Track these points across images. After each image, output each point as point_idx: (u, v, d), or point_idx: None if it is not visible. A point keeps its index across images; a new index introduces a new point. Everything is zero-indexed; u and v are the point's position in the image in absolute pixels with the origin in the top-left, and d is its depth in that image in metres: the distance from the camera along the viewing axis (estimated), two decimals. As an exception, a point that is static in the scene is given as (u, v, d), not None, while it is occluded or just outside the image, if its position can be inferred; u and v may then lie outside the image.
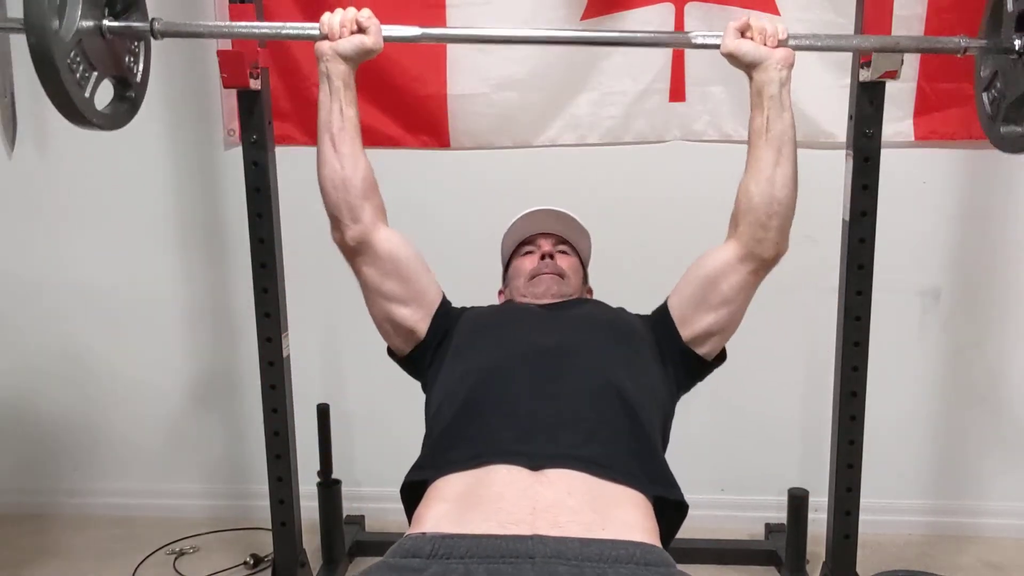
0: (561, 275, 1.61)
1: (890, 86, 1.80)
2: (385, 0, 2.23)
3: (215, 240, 2.46)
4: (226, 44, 1.87)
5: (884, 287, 1.96)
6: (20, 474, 2.64)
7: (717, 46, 1.43)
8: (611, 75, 2.28)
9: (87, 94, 1.31)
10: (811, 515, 2.20)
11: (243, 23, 1.70)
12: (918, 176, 2.30)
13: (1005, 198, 2.29)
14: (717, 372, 1.51)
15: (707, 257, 1.44)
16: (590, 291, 1.72)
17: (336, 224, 1.43)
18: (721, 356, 1.48)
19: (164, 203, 2.46)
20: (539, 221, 1.70)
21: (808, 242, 2.28)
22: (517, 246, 1.70)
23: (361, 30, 1.41)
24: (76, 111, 1.28)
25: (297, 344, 2.06)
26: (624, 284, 2.04)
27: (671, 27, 2.22)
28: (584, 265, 1.71)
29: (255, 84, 1.83)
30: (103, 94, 1.41)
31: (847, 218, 1.87)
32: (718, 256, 1.42)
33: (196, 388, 2.58)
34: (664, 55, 2.25)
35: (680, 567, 1.09)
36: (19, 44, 2.34)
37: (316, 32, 1.42)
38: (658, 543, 1.13)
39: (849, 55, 1.87)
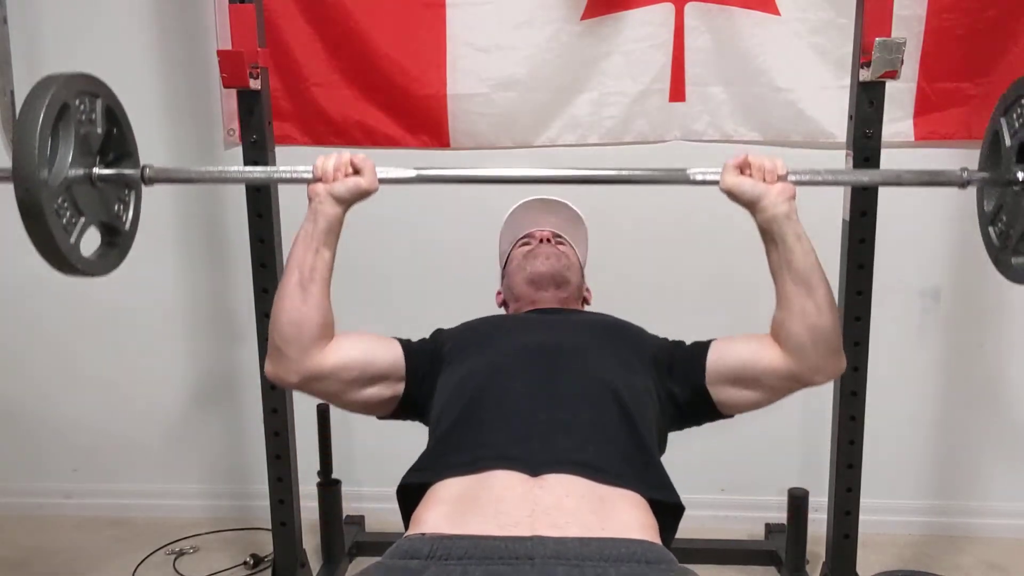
0: (560, 254, 1.61)
1: (890, 86, 1.80)
2: (385, 0, 2.26)
3: (215, 240, 2.46)
4: (226, 43, 1.87)
5: (884, 287, 1.96)
6: (20, 474, 2.64)
7: (716, 182, 1.38)
8: (611, 75, 2.28)
9: (72, 240, 1.28)
10: (811, 515, 2.20)
11: (235, 168, 1.65)
12: (918, 176, 2.30)
13: (1005, 198, 2.29)
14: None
15: (759, 349, 1.36)
16: (588, 291, 1.72)
17: (277, 357, 1.34)
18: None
19: (164, 203, 2.45)
20: (535, 217, 1.70)
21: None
22: (514, 243, 1.70)
23: (356, 171, 1.36)
24: (63, 258, 1.25)
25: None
26: (623, 284, 2.05)
27: (671, 27, 2.23)
28: (581, 263, 1.71)
29: (255, 84, 1.83)
30: (91, 241, 1.36)
31: (847, 218, 1.87)
32: (769, 358, 1.35)
33: (196, 388, 2.58)
34: (664, 55, 2.25)
35: (681, 564, 1.08)
36: (19, 42, 2.35)
37: (310, 175, 1.37)
38: (658, 540, 1.13)
39: (849, 53, 1.87)
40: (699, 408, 1.42)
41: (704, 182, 1.40)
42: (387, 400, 1.43)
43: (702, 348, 1.41)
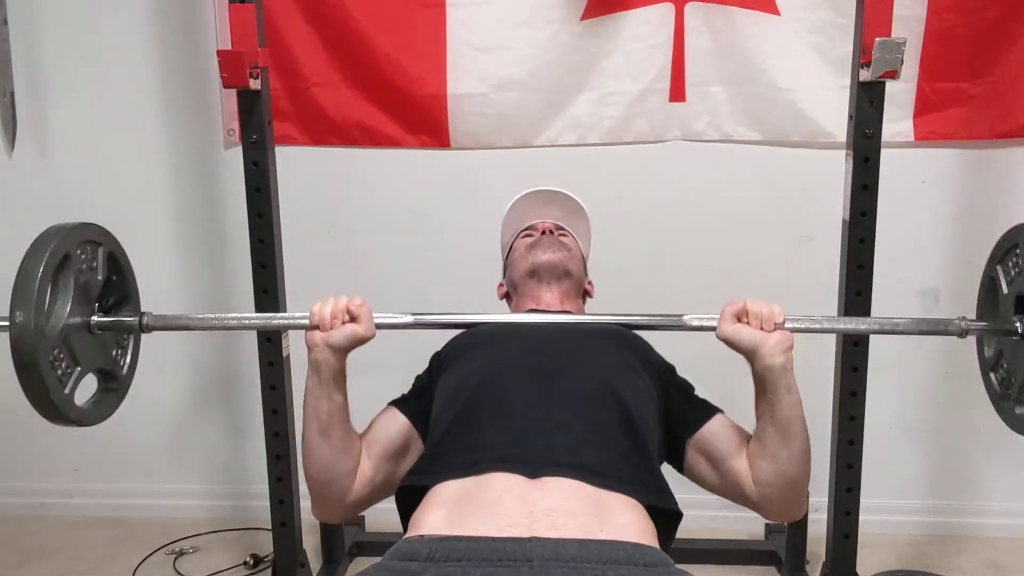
0: (561, 245, 1.61)
1: (890, 86, 1.80)
2: (385, 0, 2.26)
3: (215, 240, 2.46)
4: (226, 43, 1.87)
5: (884, 287, 1.96)
6: (20, 474, 2.65)
7: (713, 328, 1.35)
8: (611, 75, 2.28)
9: (67, 391, 1.26)
10: (811, 515, 2.20)
11: (234, 315, 1.58)
12: (918, 176, 2.30)
13: (1005, 198, 2.29)
14: (717, 371, 1.52)
15: (742, 458, 1.35)
16: (590, 284, 1.72)
17: (320, 501, 1.36)
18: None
19: (164, 203, 2.45)
20: (538, 209, 1.70)
21: (808, 242, 2.29)
22: (516, 235, 1.70)
23: (352, 319, 1.33)
24: (55, 410, 1.23)
25: (297, 344, 2.05)
26: (624, 284, 2.04)
27: (671, 27, 2.23)
28: (584, 255, 1.71)
29: (255, 84, 1.83)
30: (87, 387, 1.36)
31: (847, 218, 1.87)
32: (744, 472, 1.34)
33: (196, 389, 2.58)
34: (664, 55, 2.25)
35: (680, 567, 1.09)
36: (19, 42, 2.34)
37: (306, 322, 1.35)
38: (656, 544, 1.13)
39: (849, 53, 1.87)
40: (667, 450, 1.42)
41: (701, 328, 1.38)
42: (414, 455, 1.41)
43: (705, 413, 1.41)
